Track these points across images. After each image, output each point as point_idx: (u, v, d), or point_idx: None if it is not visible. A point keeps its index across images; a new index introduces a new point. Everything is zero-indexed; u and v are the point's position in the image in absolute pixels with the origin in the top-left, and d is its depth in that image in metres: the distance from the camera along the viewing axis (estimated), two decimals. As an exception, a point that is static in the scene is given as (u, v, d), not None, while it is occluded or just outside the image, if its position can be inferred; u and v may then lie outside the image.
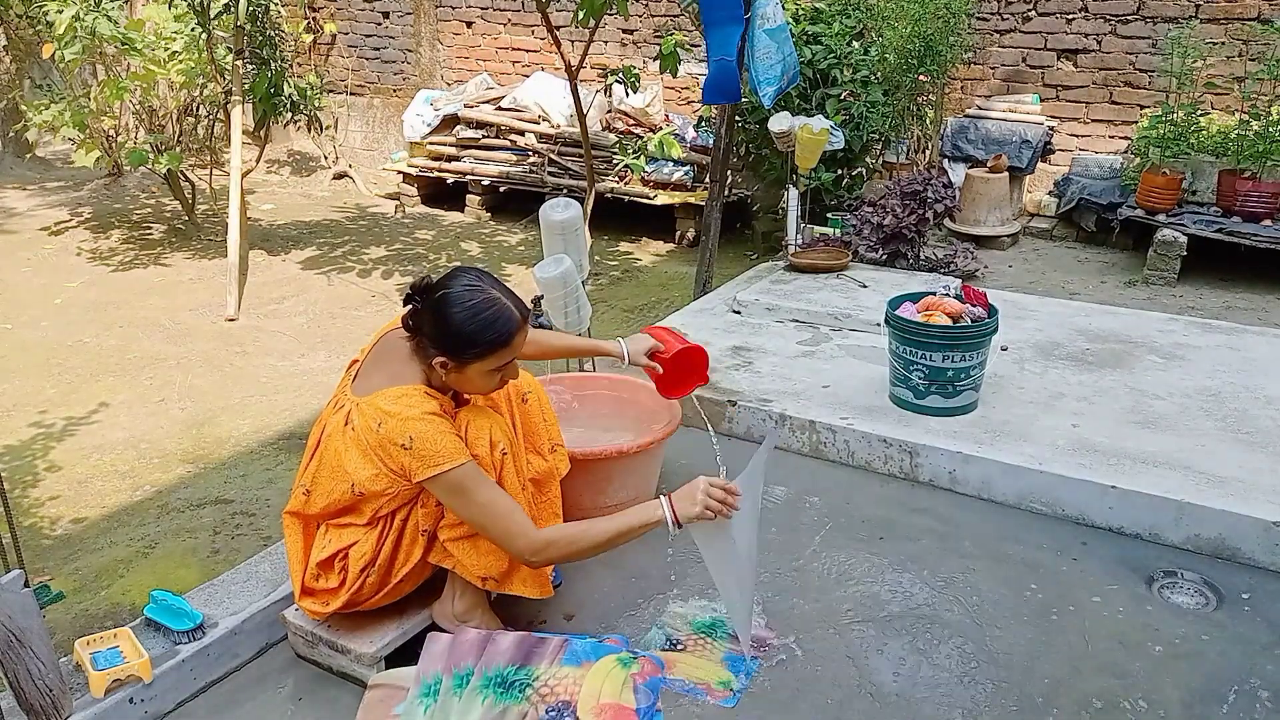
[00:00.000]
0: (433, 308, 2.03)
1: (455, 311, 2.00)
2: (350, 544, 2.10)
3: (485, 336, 2.01)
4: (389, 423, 1.98)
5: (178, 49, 6.22)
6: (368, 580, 2.10)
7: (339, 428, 2.07)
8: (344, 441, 2.05)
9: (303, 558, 2.17)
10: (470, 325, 2.00)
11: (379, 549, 2.09)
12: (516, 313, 2.05)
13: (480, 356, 2.03)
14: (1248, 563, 2.61)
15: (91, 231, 6.85)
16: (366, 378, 2.11)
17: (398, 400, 2.01)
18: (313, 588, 2.15)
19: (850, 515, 2.87)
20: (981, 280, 5.15)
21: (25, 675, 1.84)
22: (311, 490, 2.11)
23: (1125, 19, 5.96)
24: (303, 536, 2.18)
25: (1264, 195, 5.14)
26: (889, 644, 2.29)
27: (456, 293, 2.02)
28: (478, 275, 2.07)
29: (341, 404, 2.10)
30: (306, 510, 2.14)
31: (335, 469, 2.06)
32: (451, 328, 2.00)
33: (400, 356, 2.11)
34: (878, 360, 3.62)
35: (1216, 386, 3.45)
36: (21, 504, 3.35)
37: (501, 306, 2.03)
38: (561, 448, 2.41)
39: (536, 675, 2.06)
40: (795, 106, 5.51)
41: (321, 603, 2.15)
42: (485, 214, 7.36)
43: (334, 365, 4.58)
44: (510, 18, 8.07)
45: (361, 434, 2.02)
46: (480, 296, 2.02)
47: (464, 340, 2.01)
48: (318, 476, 2.10)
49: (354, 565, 2.09)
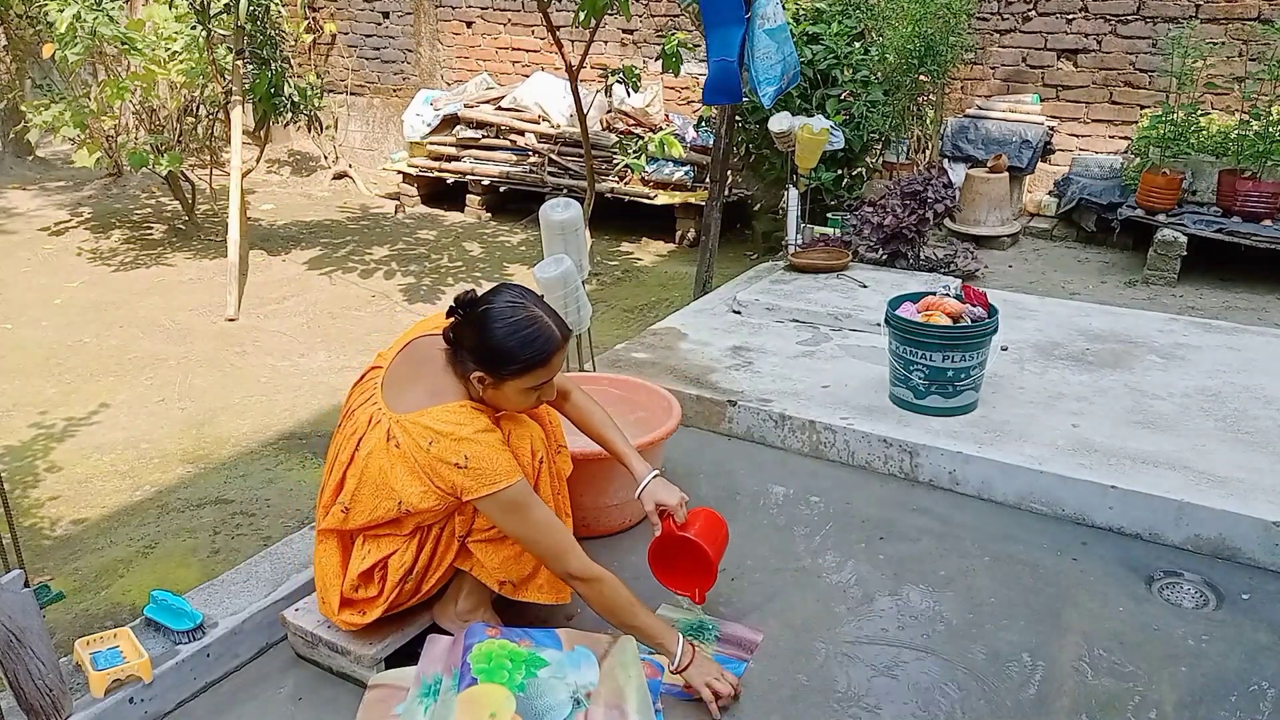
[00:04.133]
0: (475, 322, 2.02)
1: (497, 327, 2.00)
2: (390, 553, 2.09)
3: (524, 354, 2.00)
4: (441, 442, 1.96)
5: (178, 49, 6.21)
6: (405, 587, 2.10)
7: (380, 444, 2.03)
8: (388, 459, 2.01)
9: (340, 571, 2.14)
10: (510, 341, 2.00)
11: (418, 556, 2.09)
12: (557, 332, 2.05)
13: (518, 374, 2.02)
14: (1248, 563, 2.61)
15: (92, 232, 6.85)
16: (401, 390, 2.08)
17: (447, 419, 1.98)
18: (352, 599, 2.13)
19: (850, 515, 2.87)
20: (981, 280, 5.15)
21: (25, 675, 1.84)
22: (351, 508, 2.08)
23: (1125, 19, 5.96)
24: (340, 550, 2.15)
25: (1264, 195, 5.13)
26: (889, 645, 2.29)
27: (499, 308, 2.02)
28: (521, 293, 2.08)
29: (377, 420, 2.06)
30: (344, 526, 2.11)
31: (379, 486, 2.03)
32: (492, 343, 2.00)
33: (436, 369, 2.09)
34: (878, 360, 3.62)
35: (1216, 386, 3.45)
36: (21, 504, 3.35)
37: (543, 325, 2.03)
38: (565, 449, 2.41)
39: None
40: (795, 106, 5.51)
41: (359, 613, 2.13)
42: (485, 214, 7.36)
43: (334, 365, 4.58)
44: (510, 18, 8.07)
45: (410, 452, 1.99)
46: (523, 314, 2.02)
47: (503, 356, 2.00)
48: (358, 494, 2.06)
49: (393, 574, 2.09)
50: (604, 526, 2.74)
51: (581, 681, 1.98)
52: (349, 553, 2.15)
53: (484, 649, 1.97)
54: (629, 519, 2.79)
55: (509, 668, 1.94)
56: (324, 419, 3.98)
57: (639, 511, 2.80)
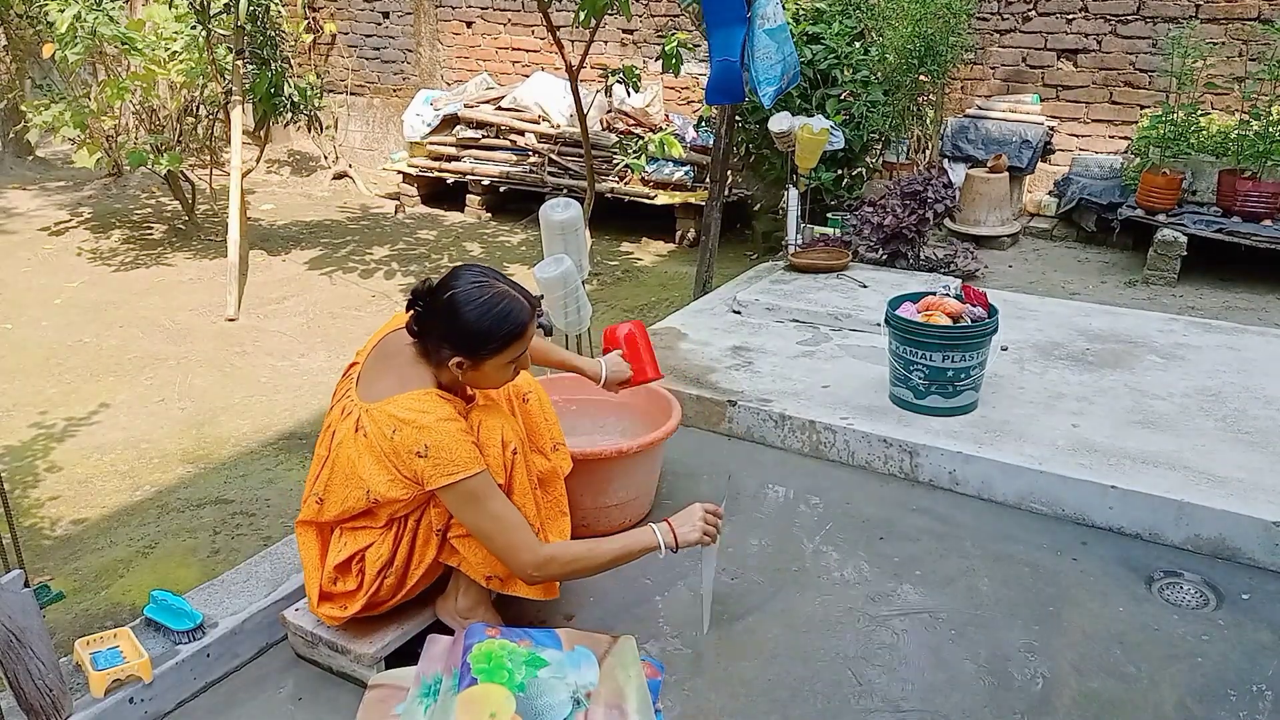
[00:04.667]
0: (442, 310, 2.02)
1: (468, 310, 2.00)
2: (366, 546, 2.09)
3: (500, 331, 2.01)
4: (404, 430, 1.97)
5: (178, 49, 6.21)
6: (385, 582, 2.10)
7: (349, 434, 2.05)
8: (356, 448, 2.03)
9: (319, 563, 2.15)
10: (485, 322, 2.00)
11: (395, 550, 2.09)
12: (526, 303, 2.06)
13: (497, 351, 2.03)
14: (1248, 563, 2.61)
15: (92, 231, 6.85)
16: (371, 382, 2.09)
17: (411, 406, 1.99)
18: (331, 591, 2.14)
19: (850, 515, 2.87)
20: (981, 280, 5.15)
21: (25, 675, 1.85)
22: (325, 499, 2.10)
23: (1125, 19, 5.96)
24: (318, 543, 2.17)
25: (1264, 195, 5.13)
26: (889, 644, 2.29)
27: (466, 291, 2.02)
28: (481, 271, 2.07)
29: (349, 410, 2.08)
30: (319, 518, 2.13)
31: (349, 476, 2.05)
32: (468, 327, 2.00)
33: (405, 359, 2.10)
34: (878, 360, 3.62)
35: (1216, 386, 3.45)
36: (21, 504, 3.35)
37: (512, 299, 2.04)
38: (563, 446, 2.42)
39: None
40: (795, 106, 5.51)
41: (340, 607, 2.14)
42: (485, 214, 7.36)
43: (334, 365, 4.58)
44: (510, 18, 8.07)
45: (375, 440, 2.00)
46: (490, 292, 2.02)
47: (480, 338, 2.01)
48: (330, 484, 2.08)
49: (371, 567, 2.09)
50: (604, 526, 2.74)
51: (581, 681, 1.98)
52: (326, 545, 2.16)
53: (484, 649, 1.97)
54: (629, 519, 2.79)
55: (509, 668, 1.94)
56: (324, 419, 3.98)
57: (639, 511, 2.82)
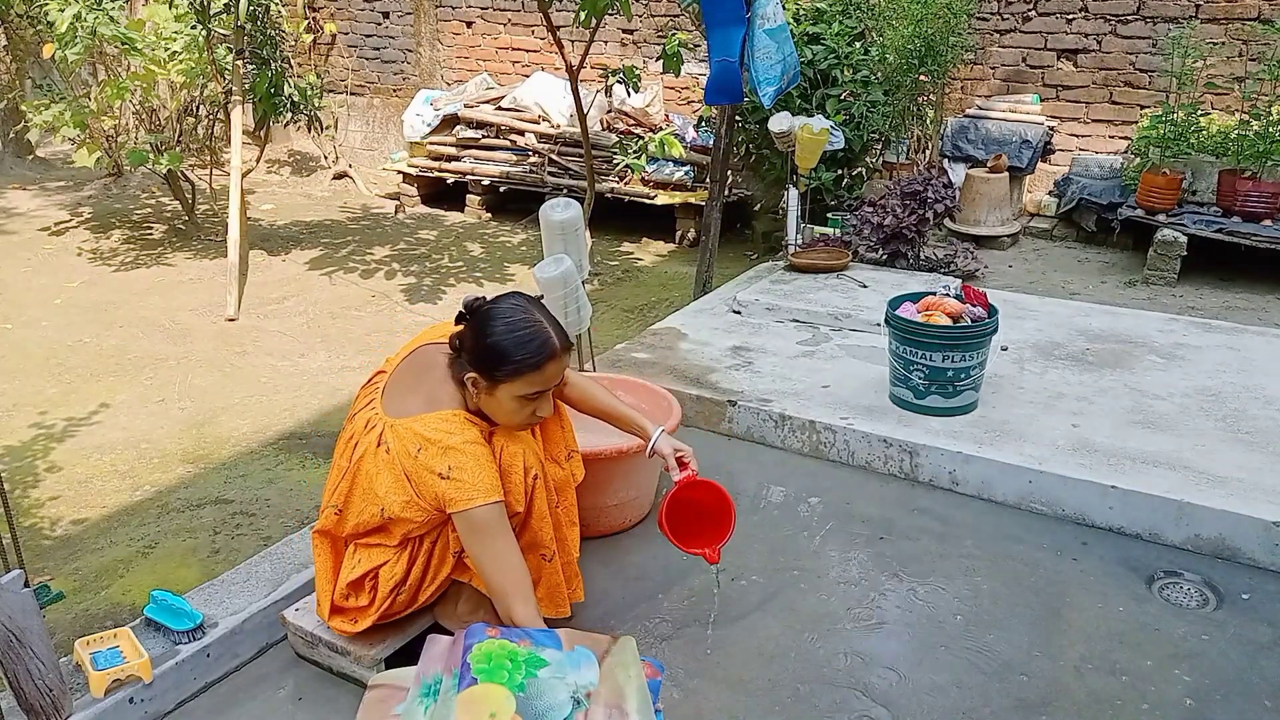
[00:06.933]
0: (478, 322, 2.02)
1: (494, 325, 1.99)
2: (380, 564, 2.08)
3: (518, 355, 1.98)
4: (429, 449, 1.95)
5: (178, 49, 6.21)
6: (398, 599, 2.10)
7: (371, 448, 2.03)
8: (376, 463, 2.01)
9: (332, 577, 2.15)
10: (505, 340, 1.98)
11: (409, 570, 2.08)
12: (555, 341, 2.02)
13: (511, 376, 1.99)
14: (1248, 563, 2.61)
15: (92, 231, 6.85)
16: (400, 397, 2.07)
17: (439, 427, 1.97)
18: (342, 606, 2.13)
19: (850, 515, 2.87)
20: (981, 280, 5.15)
21: (25, 675, 1.84)
22: (344, 510, 2.09)
23: (1125, 19, 5.96)
24: (331, 555, 2.16)
25: (1264, 195, 5.13)
26: (889, 644, 2.29)
27: (501, 309, 2.02)
28: (527, 299, 2.07)
29: (373, 424, 2.05)
30: (337, 530, 2.12)
31: (367, 490, 2.03)
32: (488, 341, 1.99)
33: (437, 377, 2.08)
34: (878, 360, 3.62)
35: (1216, 386, 3.45)
36: (21, 504, 3.35)
37: (541, 329, 2.01)
38: (577, 454, 2.39)
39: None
40: (795, 106, 5.51)
41: (350, 620, 2.13)
42: (485, 214, 7.36)
43: (334, 365, 4.58)
44: (510, 18, 8.07)
45: (397, 458, 1.98)
46: (522, 316, 2.01)
47: (497, 355, 1.98)
48: (351, 497, 2.07)
49: (384, 585, 2.08)
50: (604, 526, 2.74)
51: (581, 681, 1.97)
52: (340, 558, 2.15)
53: (484, 649, 1.97)
54: (629, 519, 2.79)
55: (509, 668, 1.93)
56: (324, 419, 3.98)
57: (639, 511, 2.81)
